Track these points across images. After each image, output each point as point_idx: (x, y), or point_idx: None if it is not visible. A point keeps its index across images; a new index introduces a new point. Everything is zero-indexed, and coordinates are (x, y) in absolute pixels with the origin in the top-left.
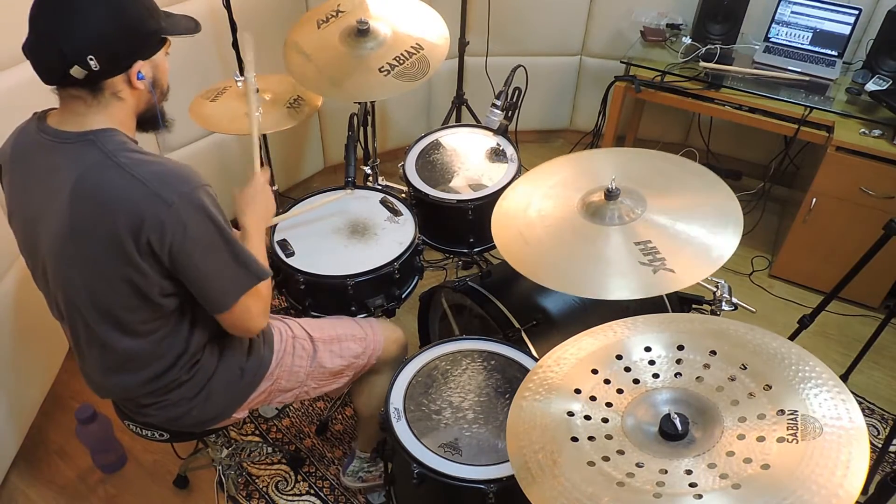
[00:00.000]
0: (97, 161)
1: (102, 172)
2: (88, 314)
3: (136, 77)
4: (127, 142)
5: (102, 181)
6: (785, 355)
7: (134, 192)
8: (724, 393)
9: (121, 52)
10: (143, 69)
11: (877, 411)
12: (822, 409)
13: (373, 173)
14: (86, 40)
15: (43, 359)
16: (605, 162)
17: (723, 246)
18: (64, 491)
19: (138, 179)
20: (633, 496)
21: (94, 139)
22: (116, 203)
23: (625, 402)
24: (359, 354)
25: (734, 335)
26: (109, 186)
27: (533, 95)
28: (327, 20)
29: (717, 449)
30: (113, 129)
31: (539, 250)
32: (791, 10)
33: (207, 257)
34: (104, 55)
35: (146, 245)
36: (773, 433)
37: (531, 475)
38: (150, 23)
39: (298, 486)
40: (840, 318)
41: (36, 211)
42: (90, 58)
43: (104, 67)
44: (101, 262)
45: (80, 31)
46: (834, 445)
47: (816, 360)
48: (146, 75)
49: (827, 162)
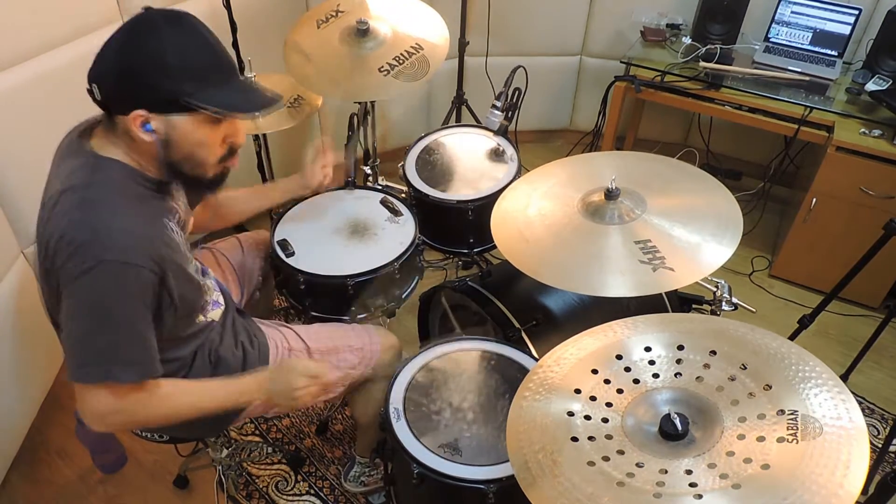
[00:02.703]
0: (77, 184)
1: (70, 196)
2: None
3: (138, 125)
4: (118, 180)
5: (62, 203)
6: (785, 355)
7: (65, 227)
8: (724, 393)
9: (115, 94)
10: (151, 122)
11: (877, 411)
12: (822, 409)
13: (373, 173)
14: (94, 67)
15: (43, 359)
16: (604, 164)
17: (722, 246)
18: (64, 491)
19: (77, 220)
20: (633, 496)
21: (95, 164)
22: (52, 229)
23: (625, 402)
24: (355, 365)
25: (734, 335)
26: (61, 210)
27: (533, 95)
28: (327, 20)
29: (718, 449)
30: (119, 162)
31: (539, 248)
32: (791, 10)
33: (69, 324)
34: (102, 89)
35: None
36: (773, 433)
37: (531, 475)
38: (163, 81)
39: (298, 486)
40: (840, 318)
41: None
42: (94, 84)
43: (103, 99)
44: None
45: (98, 57)
46: (834, 445)
47: (816, 360)
48: (155, 130)
49: (827, 162)
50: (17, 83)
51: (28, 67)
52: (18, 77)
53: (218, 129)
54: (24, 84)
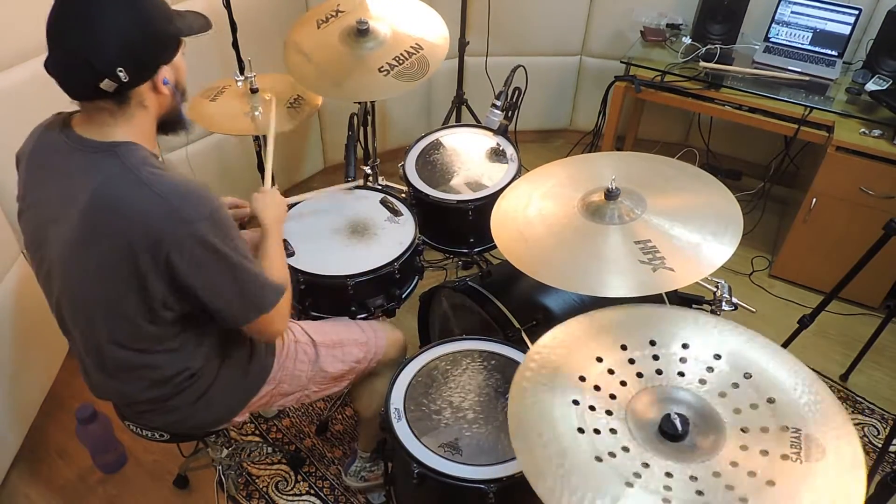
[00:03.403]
0: (117, 173)
1: (123, 185)
2: (91, 322)
3: (161, 83)
4: (148, 157)
5: (122, 193)
6: (790, 368)
7: (154, 207)
8: (727, 399)
9: (148, 60)
10: (167, 74)
11: (877, 411)
12: (822, 431)
13: (373, 173)
14: (115, 51)
15: (43, 359)
16: (604, 164)
17: (722, 246)
18: (64, 491)
19: (159, 195)
20: (643, 497)
21: (117, 151)
22: (135, 217)
23: (628, 396)
24: (360, 359)
25: (739, 340)
26: (129, 199)
27: (533, 95)
28: (327, 20)
29: (721, 457)
30: (135, 144)
31: (539, 248)
32: (791, 10)
33: (224, 278)
34: (132, 65)
35: (164, 262)
36: (777, 449)
37: (535, 462)
38: (169, 26)
39: (298, 486)
40: (840, 318)
41: (50, 214)
42: (119, 70)
43: (133, 77)
44: (110, 273)
45: (109, 43)
46: (835, 474)
47: (822, 386)
48: (170, 80)
49: (827, 162)
50: (16, 83)
51: (28, 67)
52: (18, 77)
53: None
54: (24, 84)
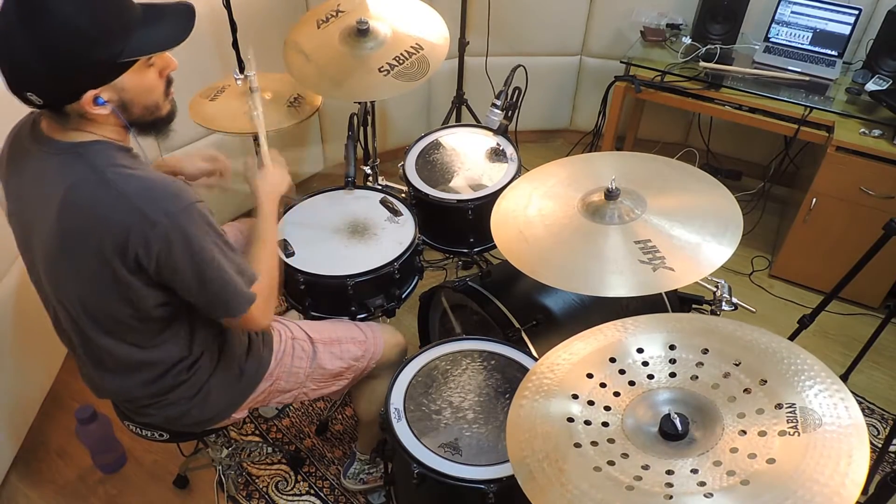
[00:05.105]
0: (84, 176)
1: (89, 188)
2: (83, 322)
3: (91, 104)
4: (115, 155)
5: (89, 197)
6: (776, 350)
7: (119, 208)
8: (721, 390)
9: (60, 88)
10: (102, 95)
11: (877, 411)
12: (817, 400)
13: (373, 173)
14: (20, 79)
15: (43, 359)
16: (604, 164)
17: (722, 246)
18: (64, 491)
19: (122, 195)
20: (645, 499)
21: (83, 152)
22: (102, 220)
23: (623, 405)
24: (359, 357)
25: (724, 332)
26: (94, 202)
27: (533, 95)
28: (327, 20)
29: (721, 446)
30: (100, 142)
31: (539, 248)
32: (791, 10)
33: (197, 275)
34: (41, 93)
35: (133, 261)
36: (775, 427)
37: (538, 486)
38: (94, 52)
39: (298, 486)
40: (840, 318)
41: (29, 217)
42: (29, 94)
43: (46, 101)
44: (90, 276)
45: (15, 70)
46: (835, 436)
47: (807, 354)
48: (107, 100)
49: (827, 162)
50: None
51: None
52: None
53: (153, 68)
54: None
